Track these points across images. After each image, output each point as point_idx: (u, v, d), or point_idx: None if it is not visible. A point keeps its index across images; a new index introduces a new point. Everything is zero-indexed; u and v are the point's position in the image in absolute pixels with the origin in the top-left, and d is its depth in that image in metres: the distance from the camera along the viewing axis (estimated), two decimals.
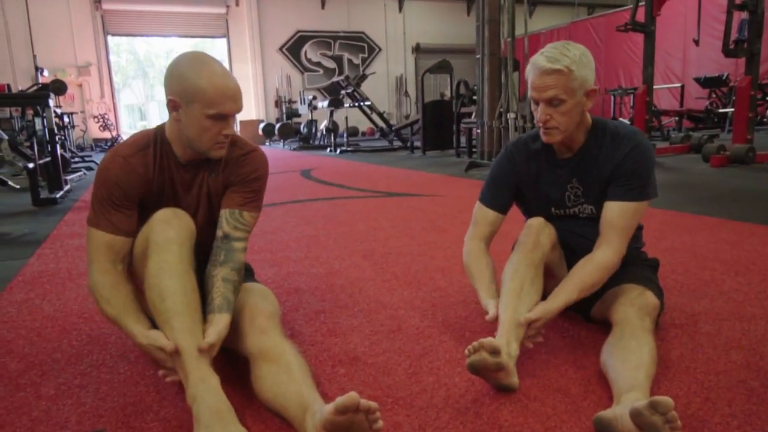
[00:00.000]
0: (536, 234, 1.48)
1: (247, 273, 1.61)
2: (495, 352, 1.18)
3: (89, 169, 7.92)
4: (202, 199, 1.45)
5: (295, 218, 3.62)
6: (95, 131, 14.46)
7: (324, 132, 11.90)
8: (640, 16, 6.27)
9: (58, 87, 7.13)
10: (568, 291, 1.38)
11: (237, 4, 16.04)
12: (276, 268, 2.40)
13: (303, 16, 16.93)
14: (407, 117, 15.63)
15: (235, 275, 1.34)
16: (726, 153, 5.64)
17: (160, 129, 1.40)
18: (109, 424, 1.18)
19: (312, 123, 13.00)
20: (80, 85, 14.34)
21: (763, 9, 5.51)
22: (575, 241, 1.56)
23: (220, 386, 1.14)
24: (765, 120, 10.12)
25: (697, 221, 3.06)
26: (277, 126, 13.50)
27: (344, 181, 5.76)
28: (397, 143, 11.05)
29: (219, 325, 1.23)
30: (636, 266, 1.54)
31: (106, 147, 13.53)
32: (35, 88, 7.72)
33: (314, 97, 13.16)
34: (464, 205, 3.99)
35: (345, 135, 11.35)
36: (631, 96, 7.12)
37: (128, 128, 16.71)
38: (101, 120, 14.09)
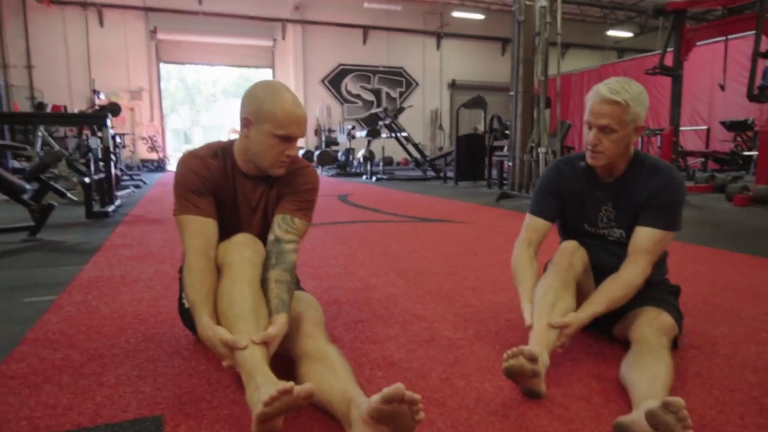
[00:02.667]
0: (570, 255, 1.59)
1: None
2: (533, 359, 1.25)
3: (137, 187, 8.29)
4: (259, 210, 1.57)
5: (333, 238, 3.74)
6: (143, 152, 15.12)
7: (361, 160, 12.15)
8: (668, 61, 6.43)
9: (114, 109, 7.56)
10: (596, 303, 1.48)
11: (284, 38, 16.70)
12: (317, 281, 2.50)
13: (345, 51, 17.51)
14: (440, 149, 15.83)
15: (287, 275, 1.43)
16: (749, 193, 5.73)
17: (229, 143, 1.55)
18: (167, 410, 1.28)
19: (350, 151, 13.31)
20: (132, 109, 15.06)
21: None
22: (603, 257, 1.65)
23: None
24: None
25: (719, 255, 3.10)
26: (316, 153, 13.84)
27: (380, 206, 5.90)
28: (430, 173, 11.22)
29: (277, 323, 1.31)
30: (657, 290, 1.63)
31: (153, 167, 14.13)
32: (94, 109, 8.20)
33: (353, 127, 13.49)
34: (495, 231, 4.08)
35: (381, 164, 11.57)
36: (658, 137, 7.35)
37: (173, 151, 17.38)
38: (150, 142, 14.75)
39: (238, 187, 1.55)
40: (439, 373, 1.48)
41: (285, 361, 1.37)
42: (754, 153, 7.68)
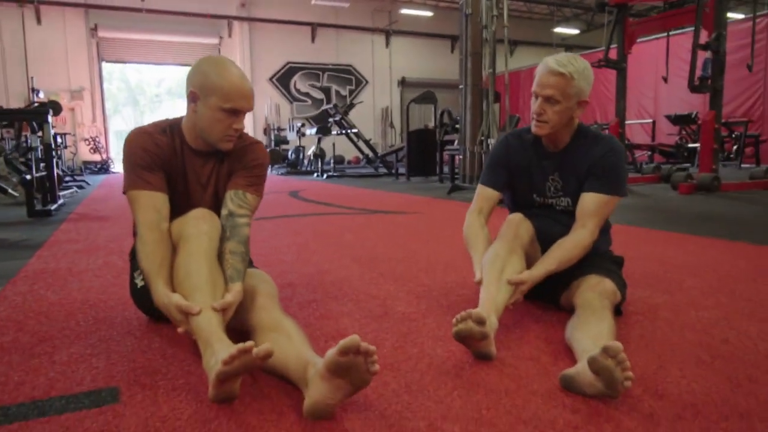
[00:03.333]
0: (516, 227, 1.67)
1: None
2: (480, 322, 1.29)
3: (80, 187, 8.01)
4: (210, 187, 1.60)
5: (286, 230, 3.76)
6: (85, 154, 14.56)
7: (311, 158, 12.11)
8: (613, 55, 6.72)
9: (55, 107, 7.29)
10: (548, 262, 1.56)
11: (230, 36, 16.44)
12: (269, 268, 2.50)
13: (293, 49, 17.39)
14: (392, 147, 15.96)
15: (241, 247, 1.47)
16: (693, 181, 6.00)
17: (177, 120, 1.57)
18: (122, 382, 1.29)
19: (300, 149, 13.23)
20: (72, 109, 14.47)
21: (725, 49, 5.92)
22: (551, 226, 1.74)
23: None
24: (731, 156, 10.73)
25: (665, 236, 3.30)
26: None
27: (331, 200, 5.92)
28: (382, 170, 11.29)
29: (233, 290, 1.35)
30: (601, 260, 1.72)
31: (96, 169, 13.62)
32: (34, 106, 7.88)
33: (303, 125, 13.44)
34: (446, 221, 4.17)
35: (332, 161, 11.58)
36: (606, 131, 7.78)
37: (116, 153, 16.78)
38: (92, 143, 14.20)
39: (188, 164, 1.56)
40: (393, 343, 1.52)
41: (240, 335, 1.38)
42: (698, 145, 8.07)
